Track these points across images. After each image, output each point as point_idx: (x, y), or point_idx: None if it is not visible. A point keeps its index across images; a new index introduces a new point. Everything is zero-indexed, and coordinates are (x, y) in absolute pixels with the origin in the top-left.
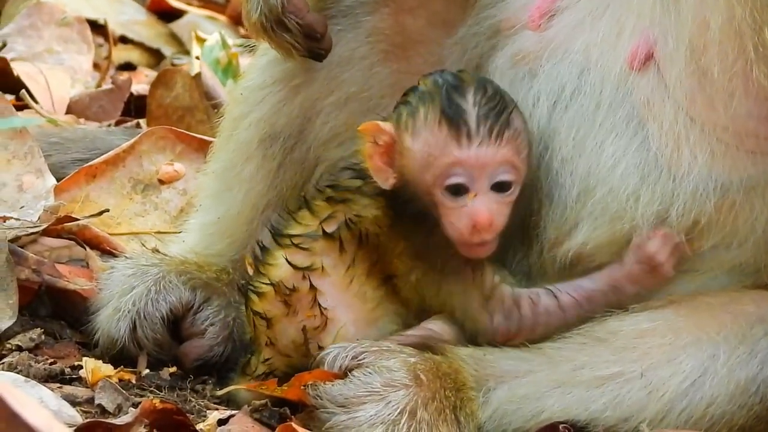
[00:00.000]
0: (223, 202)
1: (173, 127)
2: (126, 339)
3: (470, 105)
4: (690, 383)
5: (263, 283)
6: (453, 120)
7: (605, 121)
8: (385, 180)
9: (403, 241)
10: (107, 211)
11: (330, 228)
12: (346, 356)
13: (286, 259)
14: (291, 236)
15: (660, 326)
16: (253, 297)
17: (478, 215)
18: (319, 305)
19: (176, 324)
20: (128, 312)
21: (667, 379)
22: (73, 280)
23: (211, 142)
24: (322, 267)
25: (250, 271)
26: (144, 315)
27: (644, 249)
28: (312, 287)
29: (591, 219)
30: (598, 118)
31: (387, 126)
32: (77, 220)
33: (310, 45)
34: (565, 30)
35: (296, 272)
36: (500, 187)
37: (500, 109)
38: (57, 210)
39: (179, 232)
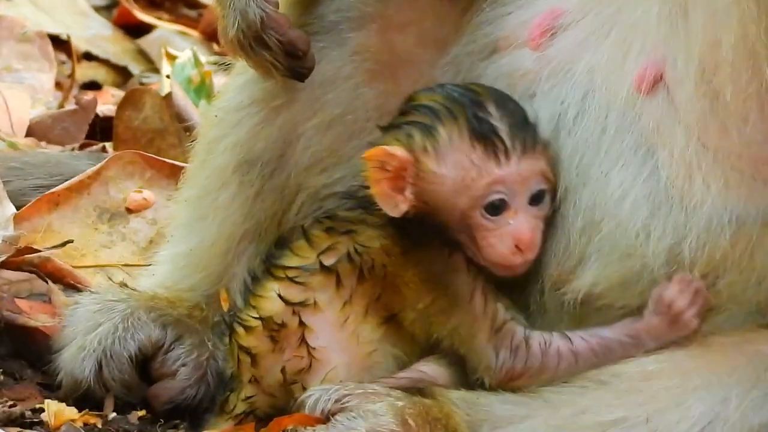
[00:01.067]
0: (197, 232)
1: (142, 152)
2: (91, 380)
3: (498, 119)
4: (699, 429)
5: (252, 316)
6: (487, 137)
7: (611, 148)
8: (395, 207)
9: (414, 267)
10: (71, 241)
11: (328, 261)
12: (329, 399)
13: (279, 294)
14: (286, 268)
15: (667, 368)
16: (240, 330)
17: (521, 233)
18: (307, 345)
19: (145, 364)
20: (94, 351)
21: (674, 425)
22: (35, 316)
23: (183, 167)
24: (315, 303)
25: (225, 307)
26: (111, 354)
27: (662, 298)
28: (301, 324)
29: (600, 256)
30: (604, 144)
31: (398, 151)
32: (39, 251)
33: (292, 63)
34: (567, 50)
35: (287, 307)
36: (536, 199)
37: (524, 118)
38: (17, 240)
39: (149, 265)
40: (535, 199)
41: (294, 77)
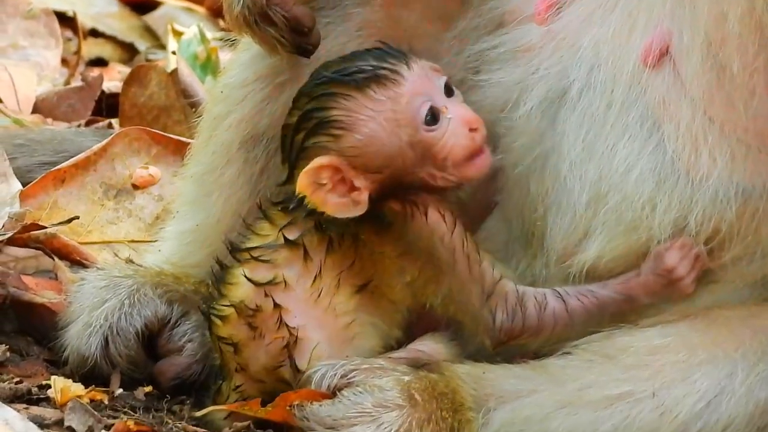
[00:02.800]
0: (202, 208)
1: (148, 128)
2: (98, 356)
3: (362, 61)
4: (705, 404)
5: (224, 305)
6: (372, 77)
7: (617, 122)
8: (356, 205)
9: (391, 243)
10: (77, 218)
11: (292, 235)
12: (335, 374)
13: (245, 275)
14: (250, 249)
15: (673, 342)
16: (216, 321)
17: (464, 116)
18: (286, 325)
19: (152, 340)
20: (100, 327)
21: (680, 400)
22: (41, 292)
23: (188, 143)
24: (285, 281)
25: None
26: (117, 330)
27: (663, 261)
28: (276, 306)
29: (605, 230)
30: (610, 118)
31: (320, 161)
32: (45, 228)
33: (297, 40)
34: (573, 24)
35: (258, 289)
36: (448, 90)
37: (378, 48)
38: (23, 217)
39: (155, 241)
40: (448, 91)
41: (299, 53)
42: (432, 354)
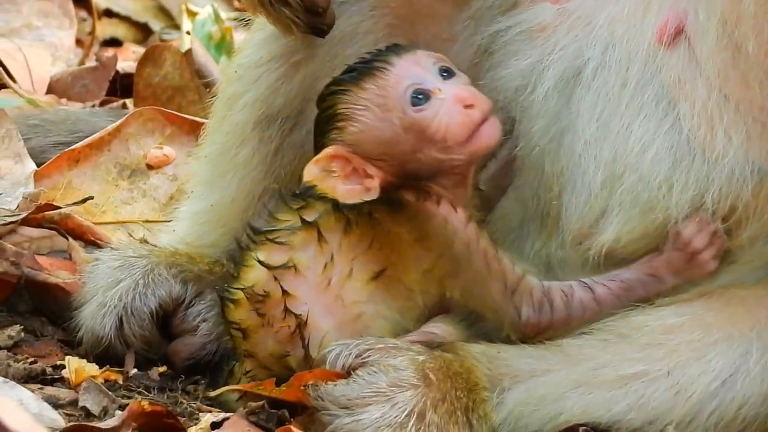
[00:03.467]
0: (217, 188)
1: (162, 108)
2: (112, 336)
3: (361, 61)
4: (720, 383)
5: (236, 288)
6: (364, 71)
7: (632, 101)
8: (366, 191)
9: (407, 224)
10: (91, 198)
11: (309, 216)
12: (350, 354)
13: (258, 259)
14: (267, 232)
15: (688, 321)
16: (228, 304)
17: (459, 93)
18: (292, 313)
19: (166, 320)
20: (114, 307)
21: (695, 379)
22: (55, 273)
23: (203, 123)
24: (296, 266)
25: None
26: (131, 310)
27: (681, 234)
28: (284, 292)
29: (621, 210)
30: (625, 97)
31: (328, 150)
32: (59, 208)
33: (312, 20)
34: (587, 3)
35: (268, 274)
36: (447, 72)
37: (379, 49)
38: (37, 197)
39: (169, 221)
40: (446, 73)
41: (314, 33)
42: (445, 336)
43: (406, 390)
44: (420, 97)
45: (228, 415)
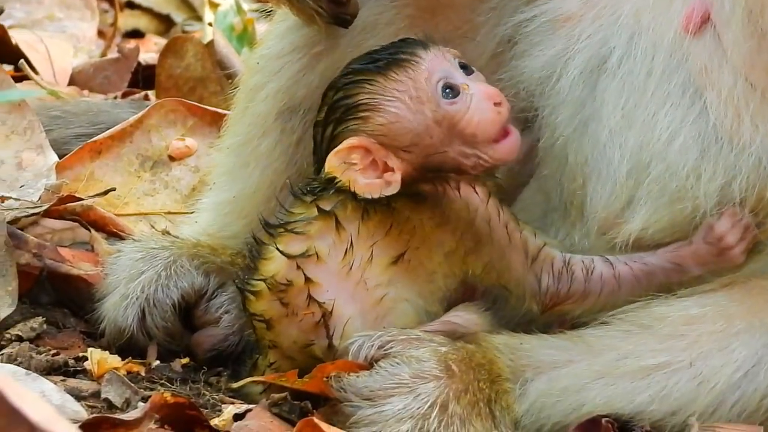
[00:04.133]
0: (239, 179)
1: (184, 99)
2: (134, 328)
3: (385, 50)
4: (743, 374)
5: (256, 279)
6: (392, 61)
7: (658, 90)
8: (387, 186)
9: (428, 211)
10: (113, 189)
11: (327, 205)
12: (372, 345)
13: (278, 248)
14: (285, 224)
15: (711, 312)
16: (249, 297)
17: (486, 91)
18: (316, 301)
19: (188, 312)
20: (137, 299)
21: (718, 370)
22: (77, 264)
23: (225, 115)
24: (317, 254)
25: None
26: (154, 302)
27: (713, 229)
28: (307, 279)
29: (649, 200)
30: (650, 86)
31: (350, 141)
32: (81, 199)
33: (335, 10)
34: None
35: (290, 262)
36: (466, 68)
37: (396, 41)
38: (59, 189)
39: (191, 213)
40: (467, 71)
41: (338, 24)
42: (467, 325)
43: (428, 381)
44: (449, 91)
45: (250, 406)
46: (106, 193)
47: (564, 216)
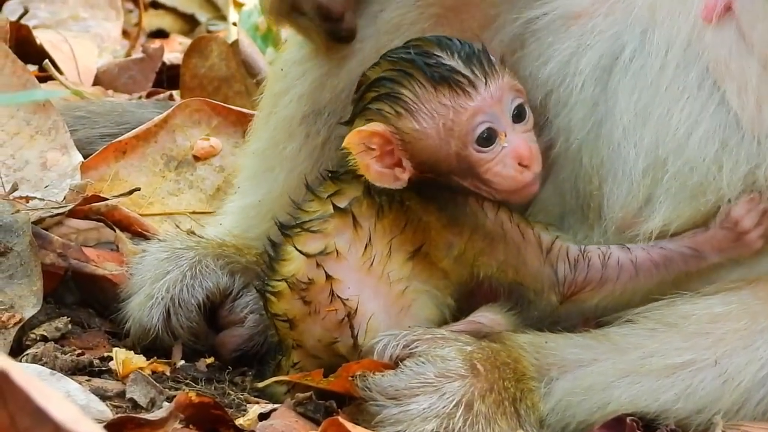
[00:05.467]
0: (264, 183)
1: (209, 99)
2: (159, 328)
3: (449, 59)
4: (767, 371)
5: (276, 280)
6: (447, 78)
7: (673, 84)
8: (396, 180)
9: (436, 212)
10: (138, 189)
11: (341, 202)
12: (397, 345)
13: (296, 248)
14: (301, 224)
15: (735, 309)
16: (271, 298)
17: (519, 150)
18: (339, 297)
19: (213, 312)
20: (162, 299)
21: (742, 368)
22: (102, 264)
23: (249, 115)
24: (337, 251)
25: None
26: (179, 302)
27: (729, 213)
28: (328, 277)
29: (669, 196)
30: (665, 81)
31: (376, 126)
32: (106, 199)
33: (329, 26)
34: None
35: (309, 261)
36: (519, 115)
37: (470, 48)
38: (84, 189)
39: (216, 212)
40: (518, 116)
41: (335, 40)
42: (491, 325)
43: (453, 380)
44: (485, 137)
45: (275, 406)
46: (131, 192)
47: (581, 218)
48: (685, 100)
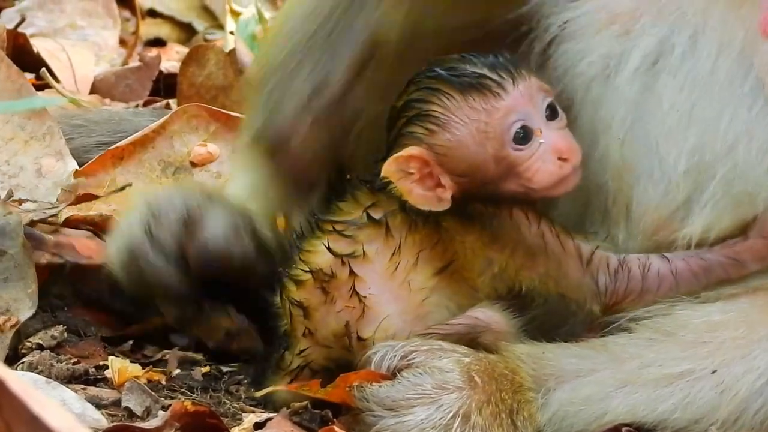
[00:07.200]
0: None
1: (206, 105)
2: (145, 245)
3: (473, 66)
4: (765, 381)
5: (303, 270)
6: (475, 83)
7: (724, 90)
8: (439, 201)
9: (476, 232)
10: (130, 185)
11: (376, 214)
12: (395, 356)
13: (327, 246)
14: (334, 222)
15: (733, 318)
16: (291, 286)
17: (557, 144)
18: (358, 294)
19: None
20: (142, 215)
21: (740, 377)
22: (96, 257)
23: None
24: (365, 254)
25: (281, 228)
26: (160, 215)
27: (767, 223)
28: (352, 273)
29: (711, 202)
30: (714, 85)
31: (411, 150)
32: (98, 197)
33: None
34: None
35: (336, 259)
36: (552, 114)
37: (496, 56)
38: (75, 189)
39: None
40: (551, 114)
41: None
42: (488, 322)
43: (451, 392)
44: (521, 135)
45: (271, 415)
46: (123, 189)
47: (605, 217)
48: (737, 108)
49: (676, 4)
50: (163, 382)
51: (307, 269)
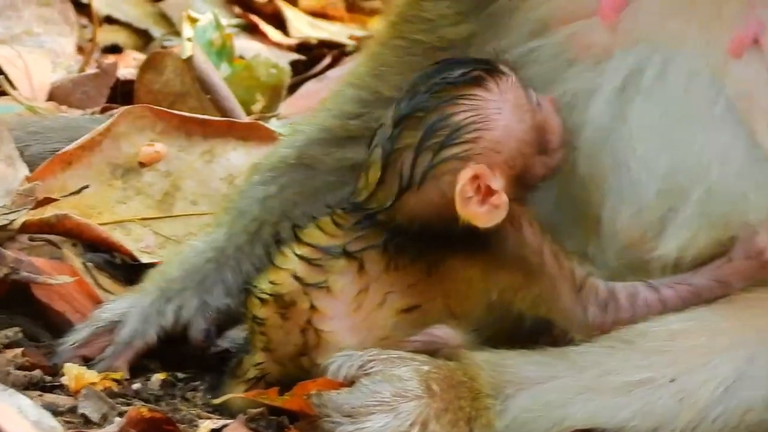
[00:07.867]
0: None
1: (151, 105)
2: None
3: (465, 66)
4: (724, 389)
5: (266, 291)
6: (482, 74)
7: (697, 113)
8: (497, 209)
9: (483, 260)
10: (87, 187)
11: (354, 247)
12: (353, 365)
13: (295, 274)
14: (310, 245)
15: (693, 326)
16: (255, 301)
17: (550, 97)
18: (315, 328)
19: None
20: None
21: (700, 385)
22: (55, 276)
23: (193, 118)
24: (329, 287)
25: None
26: None
27: (753, 244)
28: (312, 307)
29: (686, 223)
30: (687, 109)
31: (465, 174)
32: (56, 200)
33: None
34: (647, 18)
35: (300, 287)
36: None
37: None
38: (32, 192)
39: (166, 217)
40: None
41: None
42: (446, 338)
43: (410, 400)
44: (534, 96)
45: (227, 421)
46: (80, 191)
47: (579, 226)
48: (710, 131)
49: (645, 34)
50: (119, 389)
51: (270, 288)
